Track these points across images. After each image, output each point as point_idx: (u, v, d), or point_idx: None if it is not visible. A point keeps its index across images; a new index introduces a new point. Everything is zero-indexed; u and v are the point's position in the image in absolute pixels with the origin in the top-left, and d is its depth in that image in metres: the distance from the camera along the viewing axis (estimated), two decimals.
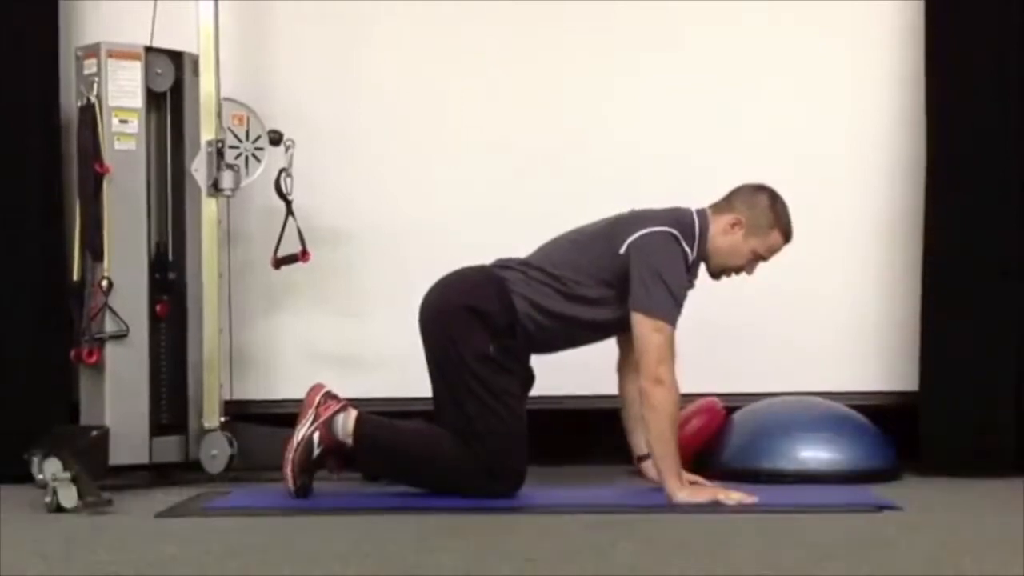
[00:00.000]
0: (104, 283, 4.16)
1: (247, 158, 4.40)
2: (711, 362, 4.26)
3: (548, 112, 4.66)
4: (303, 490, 3.82)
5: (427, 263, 4.06)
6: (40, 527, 3.45)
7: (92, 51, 4.24)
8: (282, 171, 4.37)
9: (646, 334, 3.74)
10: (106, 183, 4.19)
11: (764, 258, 3.93)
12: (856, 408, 4.37)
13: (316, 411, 3.84)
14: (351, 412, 3.86)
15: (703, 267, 3.92)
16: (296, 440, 3.82)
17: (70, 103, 4.38)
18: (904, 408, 4.47)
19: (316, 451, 3.82)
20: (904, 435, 4.39)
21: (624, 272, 3.79)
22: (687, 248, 3.81)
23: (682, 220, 3.85)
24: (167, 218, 4.38)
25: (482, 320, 3.81)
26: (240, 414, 4.47)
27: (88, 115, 4.20)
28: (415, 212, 4.65)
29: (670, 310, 3.75)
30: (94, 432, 4.14)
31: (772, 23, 4.64)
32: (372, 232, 4.65)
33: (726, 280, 3.98)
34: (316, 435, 3.82)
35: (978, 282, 4.40)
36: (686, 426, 4.16)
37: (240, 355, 4.62)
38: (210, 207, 4.32)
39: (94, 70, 4.21)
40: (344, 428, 3.84)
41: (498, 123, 4.66)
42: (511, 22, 4.68)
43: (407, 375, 4.07)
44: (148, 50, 4.30)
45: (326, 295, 4.66)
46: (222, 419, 4.32)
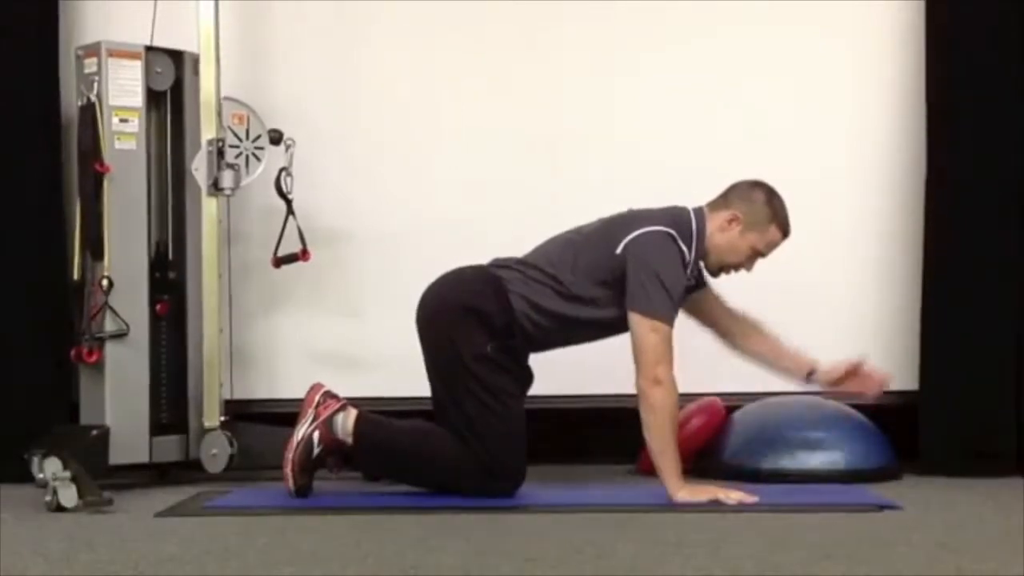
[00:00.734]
0: (104, 282, 4.16)
1: (247, 157, 4.40)
2: (711, 362, 4.26)
3: (548, 112, 4.66)
4: (303, 490, 3.82)
5: (427, 263, 4.06)
6: (40, 527, 3.44)
7: (92, 50, 4.24)
8: (282, 170, 4.37)
9: (643, 334, 3.74)
10: (106, 182, 4.19)
11: (763, 254, 3.93)
12: (856, 408, 4.36)
13: (316, 410, 3.85)
14: (351, 411, 3.86)
15: (702, 267, 3.93)
16: (296, 439, 3.83)
17: (70, 102, 4.38)
18: (904, 408, 4.47)
19: (316, 450, 3.83)
20: (904, 435, 4.39)
21: (621, 272, 3.79)
22: (684, 247, 3.81)
23: (679, 219, 3.85)
24: (167, 217, 4.38)
25: (480, 320, 3.81)
26: (240, 413, 4.46)
27: (88, 114, 4.20)
28: (415, 212, 4.65)
29: (667, 310, 3.75)
30: (94, 431, 4.14)
31: (772, 23, 4.64)
32: (372, 232, 4.65)
33: (726, 280, 3.98)
34: (316, 434, 3.83)
35: (978, 282, 4.40)
36: (686, 426, 4.17)
37: (240, 354, 4.62)
38: (210, 206, 4.32)
39: (94, 69, 4.21)
40: (344, 427, 3.84)
41: (498, 123, 4.66)
42: (511, 22, 4.68)
43: (407, 375, 4.06)
44: (148, 49, 4.30)
45: (326, 295, 4.66)
46: (222, 418, 4.32)
